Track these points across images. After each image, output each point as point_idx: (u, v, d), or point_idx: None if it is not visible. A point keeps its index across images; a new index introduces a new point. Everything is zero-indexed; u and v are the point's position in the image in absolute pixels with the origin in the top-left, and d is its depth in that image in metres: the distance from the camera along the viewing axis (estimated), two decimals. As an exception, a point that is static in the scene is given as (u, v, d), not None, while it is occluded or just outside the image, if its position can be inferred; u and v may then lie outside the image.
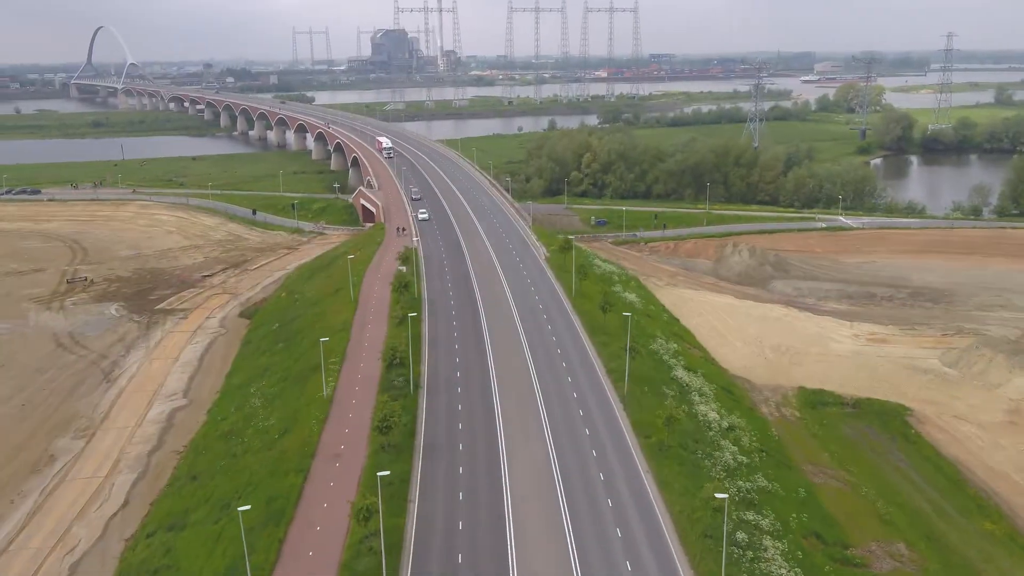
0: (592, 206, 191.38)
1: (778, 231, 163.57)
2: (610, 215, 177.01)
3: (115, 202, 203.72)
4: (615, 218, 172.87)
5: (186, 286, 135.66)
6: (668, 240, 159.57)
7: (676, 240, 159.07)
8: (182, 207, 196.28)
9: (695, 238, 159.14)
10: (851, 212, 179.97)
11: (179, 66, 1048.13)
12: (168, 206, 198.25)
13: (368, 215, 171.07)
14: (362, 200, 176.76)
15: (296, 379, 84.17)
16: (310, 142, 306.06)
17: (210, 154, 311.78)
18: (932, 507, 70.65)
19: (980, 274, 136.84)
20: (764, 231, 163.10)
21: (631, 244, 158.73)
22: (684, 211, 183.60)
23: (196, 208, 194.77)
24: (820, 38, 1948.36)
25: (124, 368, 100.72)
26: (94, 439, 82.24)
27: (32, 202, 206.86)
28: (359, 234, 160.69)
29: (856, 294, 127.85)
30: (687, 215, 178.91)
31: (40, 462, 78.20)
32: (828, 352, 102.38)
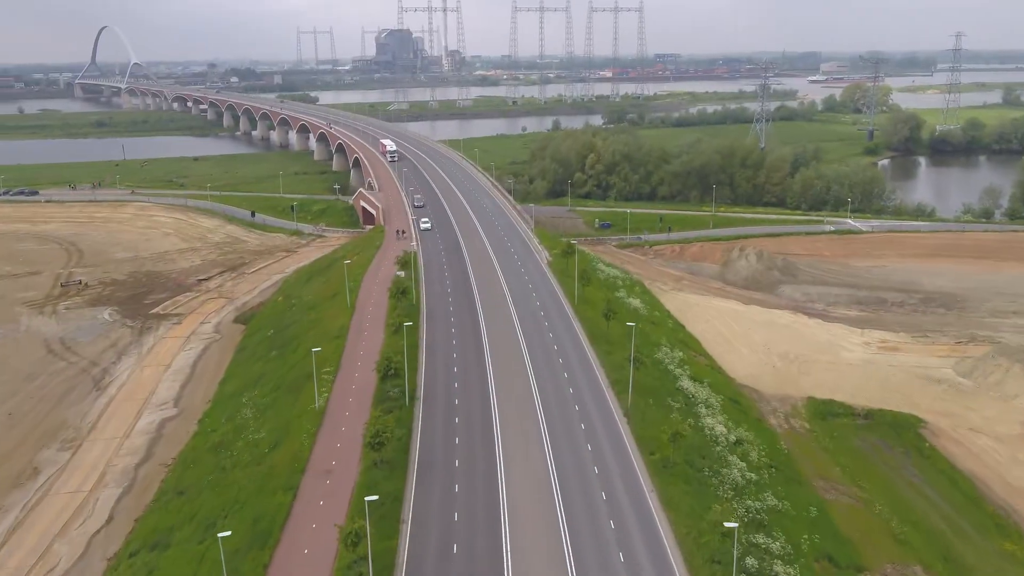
0: (596, 208, 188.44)
1: (786, 234, 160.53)
2: (614, 217, 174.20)
3: (113, 203, 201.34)
4: (619, 220, 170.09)
5: (182, 290, 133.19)
6: (673, 243, 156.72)
7: (682, 243, 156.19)
8: (181, 208, 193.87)
9: (701, 241, 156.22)
10: (859, 215, 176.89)
11: (184, 66, 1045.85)
12: (167, 207, 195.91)
13: (368, 217, 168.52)
14: (362, 202, 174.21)
15: (289, 388, 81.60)
16: (312, 142, 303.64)
17: (212, 154, 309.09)
18: (948, 525, 67.90)
19: (993, 279, 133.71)
20: (771, 234, 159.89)
21: (636, 247, 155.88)
22: (690, 213, 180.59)
23: (195, 210, 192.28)
24: (821, 38, 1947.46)
25: (115, 376, 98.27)
26: (80, 450, 79.81)
27: (29, 203, 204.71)
28: (358, 237, 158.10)
29: (866, 299, 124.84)
30: (693, 217, 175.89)
31: (23, 475, 75.76)
32: (838, 360, 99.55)
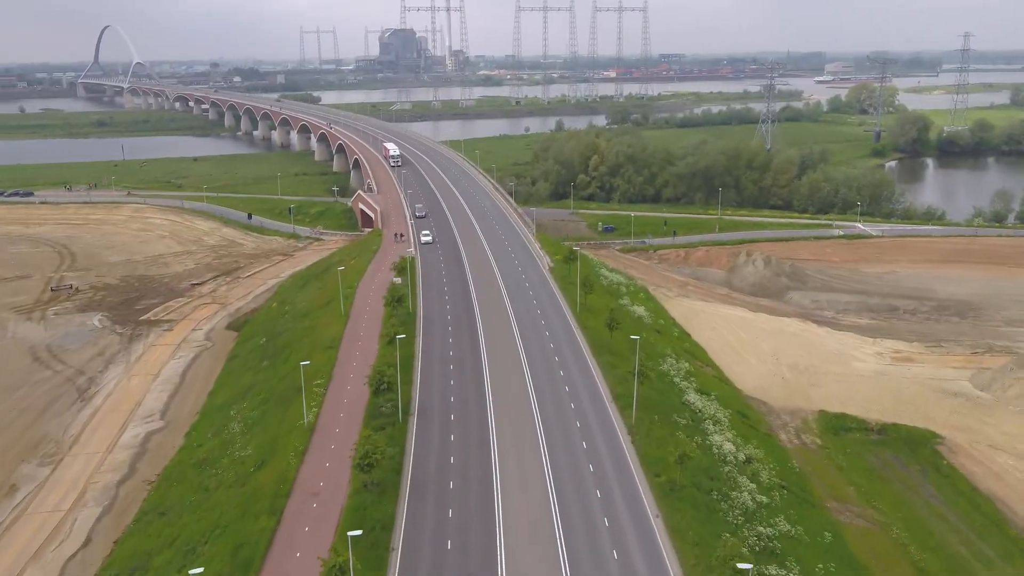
0: (599, 211, 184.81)
1: (793, 239, 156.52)
2: (618, 221, 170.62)
3: (109, 205, 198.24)
4: (623, 224, 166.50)
5: (174, 295, 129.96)
6: (678, 248, 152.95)
7: (687, 248, 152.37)
8: (177, 210, 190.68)
9: (707, 246, 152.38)
10: (868, 218, 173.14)
11: (187, 65, 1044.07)
12: (163, 209, 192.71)
13: (367, 220, 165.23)
14: (360, 204, 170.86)
15: (279, 401, 78.31)
16: (313, 143, 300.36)
17: (212, 155, 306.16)
18: (970, 551, 64.44)
19: (1008, 285, 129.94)
20: (779, 239, 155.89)
21: (640, 252, 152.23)
22: (695, 217, 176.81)
23: (191, 211, 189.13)
24: (825, 38, 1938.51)
25: (101, 385, 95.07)
26: (61, 466, 76.63)
27: (23, 204, 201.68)
28: (356, 240, 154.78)
29: (877, 307, 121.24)
30: (698, 221, 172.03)
31: None
32: (849, 371, 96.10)
